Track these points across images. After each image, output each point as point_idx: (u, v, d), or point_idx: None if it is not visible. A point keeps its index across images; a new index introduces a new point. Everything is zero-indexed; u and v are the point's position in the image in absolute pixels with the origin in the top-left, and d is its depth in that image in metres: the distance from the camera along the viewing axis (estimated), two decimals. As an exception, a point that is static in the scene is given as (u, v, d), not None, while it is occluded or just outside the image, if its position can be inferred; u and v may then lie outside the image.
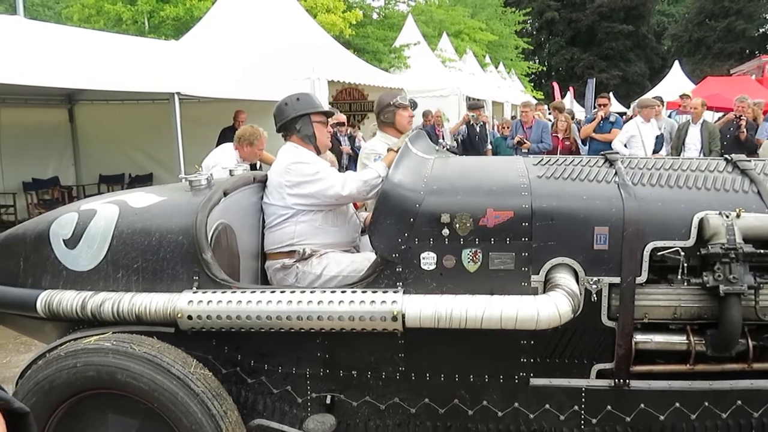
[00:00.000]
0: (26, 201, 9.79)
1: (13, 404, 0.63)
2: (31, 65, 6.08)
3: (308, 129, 3.12)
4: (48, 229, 2.63)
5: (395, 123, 3.59)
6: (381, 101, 3.65)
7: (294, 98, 3.18)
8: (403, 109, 3.60)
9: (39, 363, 2.31)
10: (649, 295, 2.30)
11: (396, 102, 3.57)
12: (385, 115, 3.58)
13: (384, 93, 3.76)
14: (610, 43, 41.06)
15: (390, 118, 3.58)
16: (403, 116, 3.60)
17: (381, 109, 3.62)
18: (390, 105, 3.57)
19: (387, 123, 3.60)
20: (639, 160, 2.64)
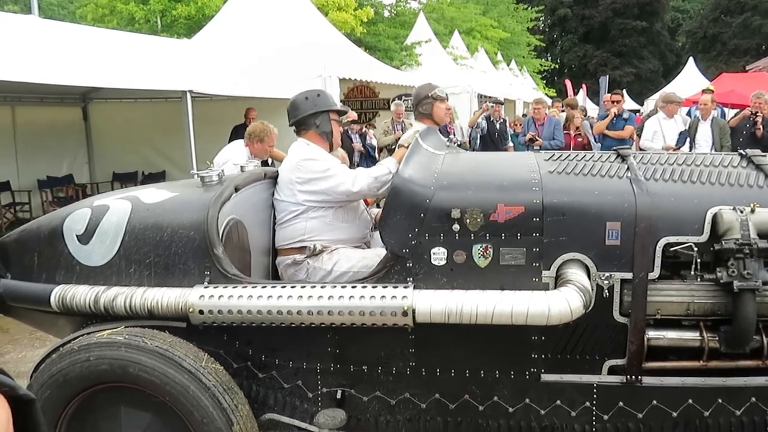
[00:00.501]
0: (41, 198, 9.90)
1: (18, 391, 0.64)
2: (46, 64, 6.14)
3: (327, 126, 3.16)
4: (61, 224, 2.66)
5: (433, 115, 3.64)
6: (419, 93, 3.69)
7: (314, 94, 3.22)
8: (441, 101, 3.66)
9: (53, 356, 2.34)
10: (661, 290, 2.28)
11: (434, 94, 3.62)
12: (423, 106, 3.63)
13: (421, 85, 3.82)
14: (623, 40, 40.73)
15: (428, 110, 3.63)
16: (441, 108, 3.66)
17: (419, 101, 3.66)
18: (428, 97, 3.62)
19: (425, 114, 3.64)
20: (652, 155, 2.62)
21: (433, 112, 3.64)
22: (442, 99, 3.67)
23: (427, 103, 3.63)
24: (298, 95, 3.22)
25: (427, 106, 3.63)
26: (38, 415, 0.68)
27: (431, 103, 3.63)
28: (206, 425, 2.19)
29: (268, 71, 9.02)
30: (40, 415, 0.68)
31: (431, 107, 3.63)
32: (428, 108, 3.63)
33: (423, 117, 3.68)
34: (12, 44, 5.96)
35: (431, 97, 3.63)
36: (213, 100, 9.23)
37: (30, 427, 0.67)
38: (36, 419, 0.67)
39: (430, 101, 3.63)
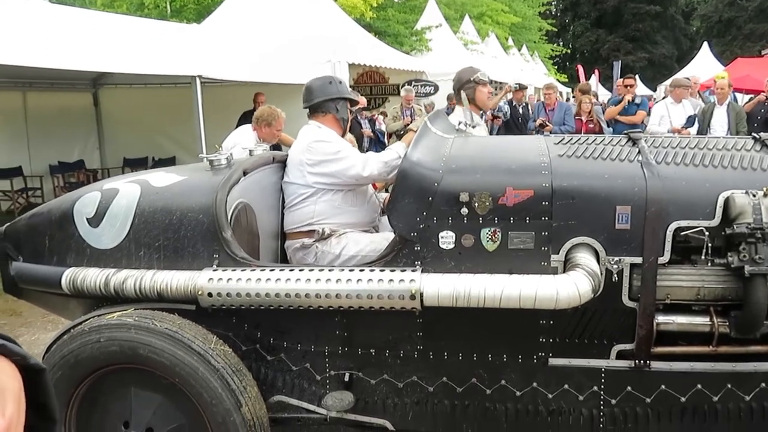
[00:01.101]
0: (53, 184, 9.98)
1: (29, 360, 0.64)
2: (56, 49, 6.15)
3: (345, 112, 3.19)
4: (72, 207, 2.68)
5: (475, 99, 3.60)
6: (461, 77, 3.65)
7: (337, 80, 3.27)
8: (483, 85, 3.62)
9: (64, 338, 2.36)
10: (671, 275, 2.26)
11: (476, 78, 3.58)
12: (466, 91, 3.59)
13: (463, 69, 3.79)
14: (636, 25, 40.18)
15: (470, 94, 3.59)
16: (483, 92, 3.63)
17: (461, 85, 3.62)
18: (470, 81, 3.58)
19: (467, 99, 3.60)
20: (663, 138, 2.59)
21: (476, 97, 3.60)
22: (485, 83, 3.63)
23: (470, 88, 3.59)
24: (320, 78, 3.24)
25: (470, 91, 3.59)
26: (49, 385, 0.68)
27: (474, 87, 3.59)
28: (215, 406, 2.21)
29: (278, 57, 9.00)
30: (50, 385, 0.69)
31: (474, 91, 3.59)
32: (471, 92, 3.59)
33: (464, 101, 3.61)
34: (22, 29, 5.97)
35: (474, 81, 3.58)
36: (222, 86, 9.22)
37: (41, 396, 0.67)
38: (47, 389, 0.68)
39: (473, 85, 3.58)
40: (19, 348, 0.64)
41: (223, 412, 2.22)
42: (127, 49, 7.07)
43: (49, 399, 0.69)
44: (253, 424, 2.26)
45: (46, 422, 0.69)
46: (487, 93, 3.68)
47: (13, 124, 9.95)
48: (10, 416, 0.57)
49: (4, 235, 2.93)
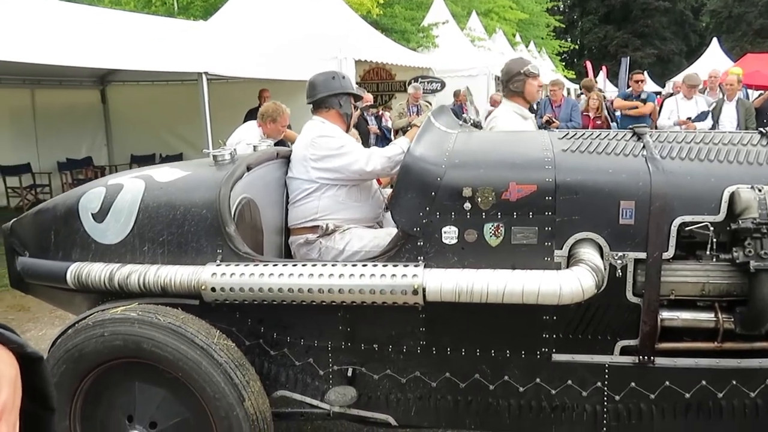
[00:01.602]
0: (61, 181, 10.05)
1: (26, 348, 0.65)
2: (65, 46, 6.19)
3: (349, 108, 3.19)
4: (77, 203, 2.69)
5: (524, 92, 3.52)
6: (510, 69, 3.56)
7: (340, 75, 3.25)
8: (533, 78, 3.52)
9: (69, 332, 2.38)
10: (676, 271, 2.24)
11: (526, 70, 3.49)
12: (515, 83, 3.51)
13: (511, 61, 3.71)
14: (645, 21, 39.91)
15: (520, 87, 3.51)
16: (533, 85, 3.53)
17: (510, 77, 3.53)
18: (520, 73, 3.49)
19: (516, 92, 3.53)
20: (668, 133, 2.57)
21: (525, 90, 3.51)
22: (535, 76, 3.53)
23: (519, 80, 3.49)
24: (323, 74, 3.23)
25: (519, 84, 3.50)
26: (46, 373, 0.68)
27: (523, 80, 3.49)
28: (218, 401, 2.22)
29: (284, 53, 9.01)
30: (48, 374, 0.69)
31: (523, 84, 3.49)
32: (520, 85, 3.50)
33: (513, 95, 3.55)
34: (31, 27, 6.01)
35: (524, 73, 3.49)
36: (229, 83, 9.26)
37: (38, 384, 0.67)
38: (44, 377, 0.68)
39: (523, 78, 3.49)
40: (17, 336, 0.64)
41: (226, 407, 2.22)
42: (134, 46, 7.11)
43: (47, 387, 0.69)
44: (256, 418, 2.26)
45: (45, 411, 0.70)
46: (537, 86, 3.57)
47: (21, 122, 10.03)
48: (4, 401, 0.58)
49: (10, 231, 2.95)
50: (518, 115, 3.48)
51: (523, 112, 3.57)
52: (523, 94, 3.52)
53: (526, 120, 3.54)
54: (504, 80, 3.61)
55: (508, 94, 3.57)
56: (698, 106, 7.45)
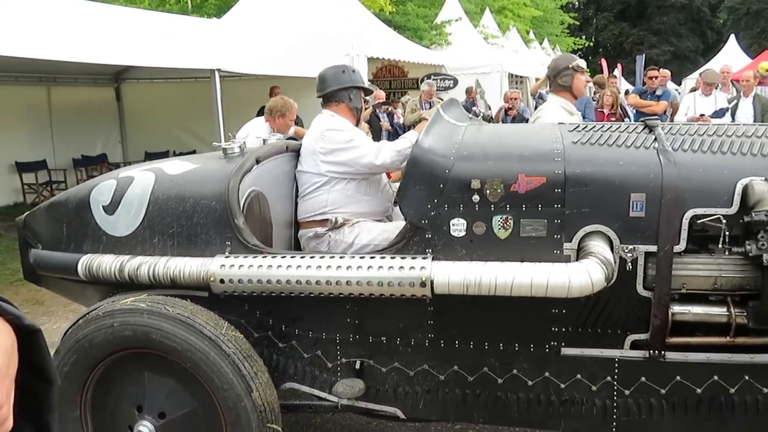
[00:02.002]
0: (76, 177, 10.16)
1: (23, 320, 0.65)
2: (81, 43, 6.25)
3: (359, 102, 3.18)
4: (88, 195, 2.71)
5: (572, 87, 3.52)
6: (558, 65, 3.57)
7: (350, 69, 3.25)
8: (581, 73, 3.53)
9: (79, 323, 2.40)
10: (687, 264, 2.21)
11: (575, 65, 3.49)
12: (563, 78, 3.51)
13: (559, 56, 3.74)
14: (661, 17, 39.46)
15: (568, 82, 3.51)
16: (581, 80, 3.54)
17: (558, 72, 3.53)
18: (568, 68, 3.49)
19: (564, 87, 3.53)
20: (681, 126, 2.53)
21: (573, 84, 3.52)
22: (582, 71, 3.54)
23: (567, 75, 3.50)
24: (334, 68, 3.23)
25: (567, 78, 3.51)
26: (44, 346, 0.69)
27: (572, 75, 3.50)
28: (226, 391, 2.23)
29: (296, 50, 9.03)
30: (45, 346, 0.69)
31: (571, 79, 3.50)
32: (568, 80, 3.51)
33: (561, 89, 3.56)
34: (47, 24, 6.08)
35: (572, 68, 3.50)
36: (241, 80, 9.30)
37: (36, 357, 0.68)
38: (42, 350, 0.68)
39: (571, 73, 3.50)
40: (15, 309, 0.64)
41: (234, 398, 2.23)
42: (149, 44, 7.17)
43: (45, 360, 0.69)
44: (264, 409, 2.27)
45: (44, 383, 0.70)
46: (584, 81, 3.58)
47: (37, 119, 10.15)
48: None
49: (24, 224, 2.99)
50: (565, 110, 3.46)
51: (569, 108, 3.54)
52: (571, 89, 3.51)
53: (572, 116, 3.51)
54: (551, 75, 3.59)
55: (556, 88, 3.55)
56: (717, 102, 7.36)
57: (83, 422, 2.43)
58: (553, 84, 3.58)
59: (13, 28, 5.62)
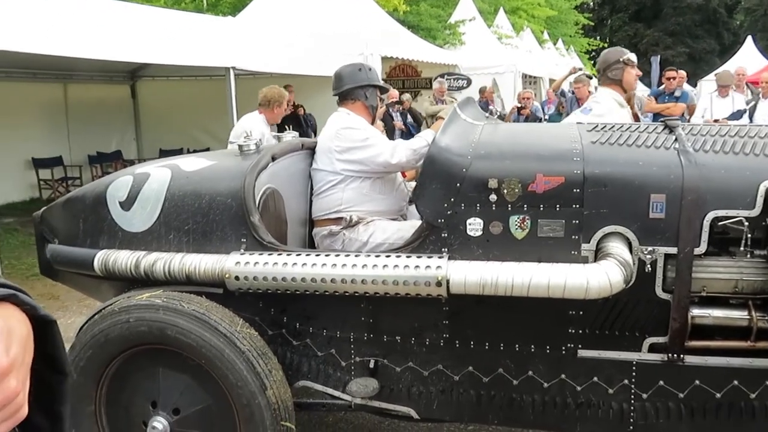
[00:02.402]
0: (91, 174, 10.24)
1: (39, 311, 0.65)
2: (97, 40, 6.29)
3: (374, 100, 3.18)
4: (105, 191, 2.72)
5: (623, 80, 3.47)
6: (608, 58, 3.52)
7: (366, 67, 3.25)
8: (632, 67, 3.47)
9: (95, 318, 2.41)
10: (708, 267, 2.18)
11: (626, 59, 3.45)
12: (613, 72, 3.47)
13: (609, 49, 3.65)
14: (677, 18, 39.09)
15: (618, 76, 3.47)
16: (631, 74, 3.49)
17: (608, 65, 3.49)
18: (619, 62, 3.45)
19: (613, 80, 3.48)
20: (702, 126, 2.50)
21: (624, 78, 3.47)
22: (633, 64, 3.48)
23: (618, 69, 3.46)
24: (350, 66, 3.23)
25: (618, 72, 3.46)
26: (58, 337, 0.69)
27: (622, 69, 3.45)
28: (240, 388, 2.23)
29: (311, 49, 9.04)
30: (60, 337, 0.70)
31: (622, 72, 3.45)
32: (618, 74, 3.46)
33: (611, 83, 3.51)
34: (64, 21, 6.12)
35: (623, 62, 3.45)
36: (256, 78, 9.30)
37: (50, 348, 0.69)
38: (56, 341, 0.69)
39: (621, 66, 3.45)
40: (30, 299, 0.64)
41: (248, 395, 2.23)
42: (164, 41, 7.20)
43: (59, 351, 0.70)
44: (277, 407, 2.26)
45: (57, 374, 0.71)
46: (635, 75, 3.51)
47: (54, 116, 10.24)
48: (14, 356, 0.59)
49: (41, 219, 3.01)
50: (617, 103, 3.42)
51: (621, 100, 3.49)
52: (621, 83, 3.45)
53: (623, 108, 3.47)
54: (602, 68, 3.54)
55: (606, 82, 3.50)
56: (735, 103, 7.27)
57: (98, 417, 2.44)
58: (602, 77, 3.52)
59: (30, 26, 5.66)
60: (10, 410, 0.57)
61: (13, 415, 0.58)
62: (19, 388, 0.58)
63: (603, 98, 3.46)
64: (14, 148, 9.34)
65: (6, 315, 0.61)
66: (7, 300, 0.63)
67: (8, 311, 0.62)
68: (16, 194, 9.68)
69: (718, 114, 7.12)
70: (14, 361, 0.58)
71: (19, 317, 0.63)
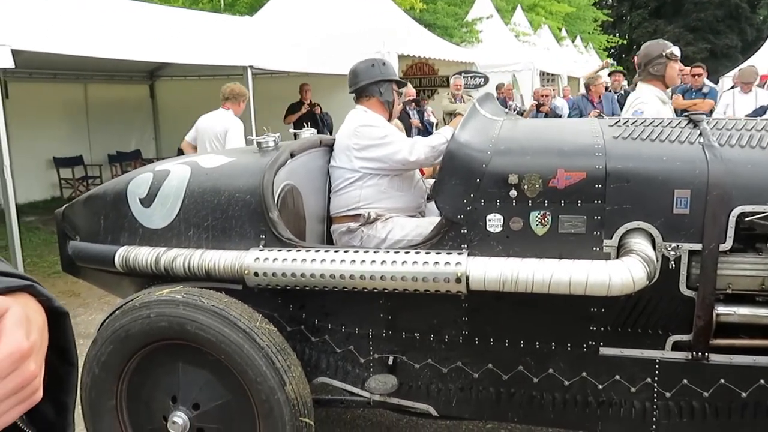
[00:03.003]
0: (111, 173, 10.35)
1: (53, 302, 0.68)
2: (117, 41, 6.36)
3: (390, 95, 3.14)
4: (125, 188, 2.75)
5: (665, 76, 3.36)
6: (650, 52, 3.39)
7: (380, 62, 3.21)
8: (675, 62, 3.35)
9: (116, 313, 2.42)
10: (733, 263, 2.14)
11: (668, 53, 3.33)
12: (655, 67, 3.34)
13: (651, 43, 3.50)
14: (698, 14, 38.50)
15: (660, 71, 3.35)
16: (674, 69, 3.37)
17: (650, 60, 3.37)
18: (661, 56, 3.33)
19: (656, 76, 3.37)
20: (728, 120, 2.45)
21: (666, 73, 3.36)
22: (676, 58, 3.36)
23: (660, 63, 3.33)
24: (363, 62, 3.21)
25: (660, 67, 3.34)
26: (70, 329, 0.73)
27: (665, 64, 3.33)
28: (259, 384, 2.23)
29: (327, 48, 9.05)
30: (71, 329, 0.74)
31: (664, 68, 3.33)
32: (661, 69, 3.34)
33: (652, 78, 3.40)
34: (84, 22, 6.19)
35: (665, 56, 3.32)
36: (273, 77, 9.35)
37: (62, 339, 0.72)
38: (67, 332, 0.73)
39: (664, 61, 3.33)
40: (45, 290, 0.67)
41: (267, 390, 2.23)
42: (182, 41, 7.25)
43: (69, 343, 0.73)
44: (296, 403, 2.26)
45: (67, 365, 0.73)
46: (678, 70, 3.40)
47: (75, 115, 10.38)
48: (33, 341, 0.61)
49: (62, 216, 3.04)
50: (659, 99, 3.33)
51: (663, 96, 3.40)
52: (664, 78, 3.34)
53: (665, 104, 3.38)
54: (642, 63, 3.40)
55: (647, 77, 3.37)
56: (758, 100, 7.14)
57: (119, 412, 2.46)
58: (643, 72, 3.39)
59: (52, 27, 5.74)
60: (27, 392, 0.59)
61: (30, 397, 0.60)
62: (36, 371, 0.60)
63: (648, 98, 3.32)
64: (36, 148, 9.48)
65: (24, 303, 0.64)
66: (25, 290, 0.66)
67: (26, 300, 0.65)
68: (38, 193, 9.82)
69: (741, 111, 7.00)
70: (34, 345, 0.60)
71: (35, 307, 0.66)
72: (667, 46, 3.35)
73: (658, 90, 3.37)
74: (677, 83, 3.27)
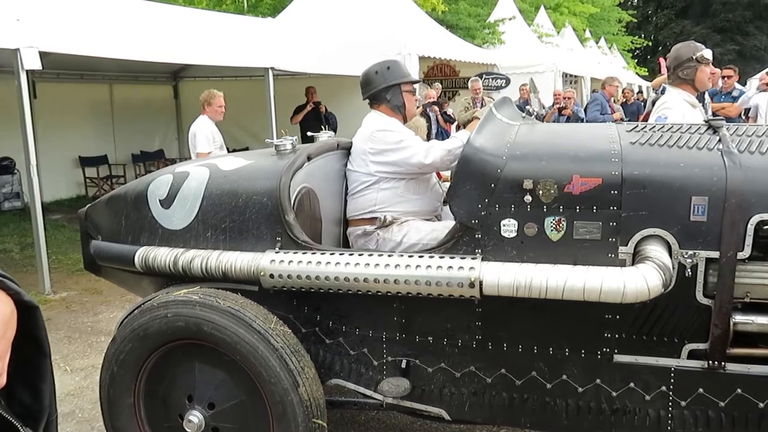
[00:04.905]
0: (135, 172, 10.52)
1: (23, 297, 0.73)
2: (142, 42, 6.47)
3: (398, 99, 3.12)
4: (146, 189, 2.80)
5: (695, 80, 3.25)
6: (680, 55, 3.29)
7: (384, 67, 3.15)
8: (706, 65, 3.25)
9: (135, 313, 2.47)
10: (752, 272, 2.11)
11: (699, 56, 3.22)
12: (685, 71, 3.24)
13: (681, 46, 3.39)
14: (726, 15, 37.84)
15: (690, 75, 3.24)
16: (705, 72, 3.27)
17: (679, 63, 3.26)
18: (692, 59, 3.22)
19: (685, 80, 3.26)
20: (748, 127, 2.41)
21: (696, 77, 3.25)
22: (708, 62, 3.25)
23: (690, 67, 3.23)
24: (369, 69, 3.18)
25: (690, 71, 3.24)
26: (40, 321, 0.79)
27: (695, 68, 3.23)
28: (273, 385, 2.26)
29: (349, 49, 9.09)
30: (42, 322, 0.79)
31: (695, 72, 3.23)
32: (691, 73, 3.23)
33: (681, 82, 3.30)
34: (110, 24, 6.31)
35: (696, 59, 3.22)
36: (294, 78, 9.41)
37: (34, 330, 0.76)
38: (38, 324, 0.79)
39: (694, 65, 3.23)
40: (16, 286, 0.72)
41: (281, 391, 2.26)
42: (206, 43, 7.35)
43: (41, 333, 0.77)
44: (309, 404, 2.29)
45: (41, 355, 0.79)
46: (709, 74, 3.29)
47: (100, 115, 10.57)
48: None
49: (85, 216, 3.11)
50: (688, 104, 3.23)
51: (692, 100, 3.30)
52: (694, 82, 3.24)
53: (694, 108, 3.27)
54: (672, 66, 3.30)
55: (676, 81, 3.28)
56: None
57: (136, 409, 2.51)
58: (672, 76, 3.28)
59: (79, 29, 5.86)
60: None
61: None
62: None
63: (674, 103, 3.22)
64: (63, 147, 9.68)
65: None
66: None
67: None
68: (64, 191, 10.03)
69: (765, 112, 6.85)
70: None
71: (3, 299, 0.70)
72: (698, 48, 3.24)
73: (687, 94, 3.27)
74: (708, 87, 3.15)
